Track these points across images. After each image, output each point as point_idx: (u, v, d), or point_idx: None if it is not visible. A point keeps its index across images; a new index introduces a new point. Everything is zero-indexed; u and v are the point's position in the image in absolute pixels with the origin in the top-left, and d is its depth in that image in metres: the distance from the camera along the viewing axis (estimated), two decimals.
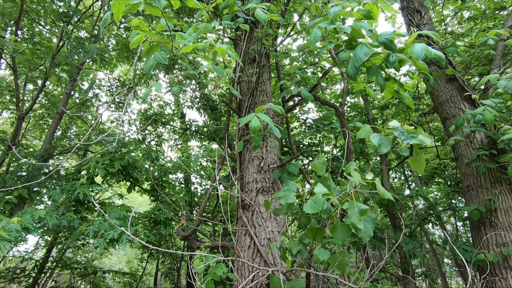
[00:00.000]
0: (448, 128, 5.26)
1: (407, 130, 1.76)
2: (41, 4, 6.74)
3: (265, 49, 3.36)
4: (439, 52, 2.12)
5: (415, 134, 1.78)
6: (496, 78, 3.74)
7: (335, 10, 2.26)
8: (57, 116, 6.96)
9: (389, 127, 1.80)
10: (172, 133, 8.66)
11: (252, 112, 3.32)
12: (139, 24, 1.78)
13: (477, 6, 5.78)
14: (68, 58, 4.78)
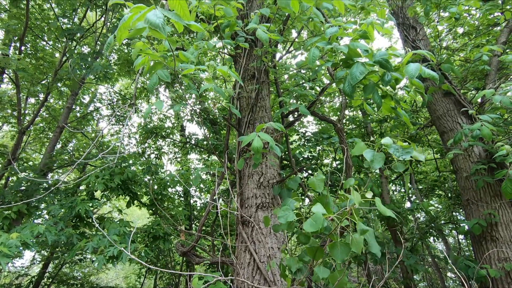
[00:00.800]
0: (446, 142, 5.30)
1: (401, 147, 1.80)
2: (45, 21, 6.91)
3: (264, 65, 3.43)
4: (433, 72, 2.18)
5: (410, 150, 1.81)
6: (492, 93, 3.81)
7: (331, 31, 2.33)
8: (57, 130, 7.00)
9: (382, 144, 1.84)
10: (172, 146, 8.69)
11: (252, 128, 3.38)
12: (143, 46, 1.84)
13: (471, 23, 5.92)
14: (70, 73, 4.87)
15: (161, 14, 1.45)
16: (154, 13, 1.44)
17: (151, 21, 1.40)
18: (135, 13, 1.59)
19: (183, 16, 1.70)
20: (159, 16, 1.43)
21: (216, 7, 2.45)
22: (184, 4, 1.63)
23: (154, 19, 1.41)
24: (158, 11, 1.47)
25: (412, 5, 5.96)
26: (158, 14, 1.44)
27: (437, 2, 4.64)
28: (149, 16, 1.42)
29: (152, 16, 1.42)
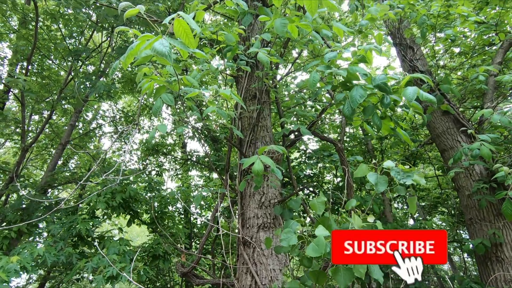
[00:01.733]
0: (447, 160, 5.31)
1: (402, 170, 1.82)
2: (53, 41, 7.11)
3: (265, 86, 3.51)
4: (430, 96, 2.23)
5: (411, 173, 1.84)
6: (490, 113, 3.86)
7: (331, 56, 2.41)
8: (60, 147, 7.05)
9: (384, 167, 1.86)
10: (173, 163, 8.71)
11: (253, 147, 3.41)
12: (148, 71, 1.90)
13: (466, 43, 6.06)
14: (75, 93, 4.97)
15: (167, 43, 1.51)
16: (161, 42, 1.51)
17: (158, 50, 1.46)
18: (142, 42, 1.66)
19: (188, 44, 1.77)
20: (165, 45, 1.50)
21: (219, 33, 2.54)
22: (189, 33, 1.71)
23: (161, 48, 1.47)
24: (164, 40, 1.53)
25: (409, 27, 6.13)
26: (164, 43, 1.50)
27: (432, 24, 4.79)
28: (156, 45, 1.48)
29: (159, 46, 1.48)
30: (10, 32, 7.11)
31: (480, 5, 5.04)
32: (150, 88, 2.00)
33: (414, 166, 8.45)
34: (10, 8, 6.09)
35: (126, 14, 1.50)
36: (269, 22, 2.13)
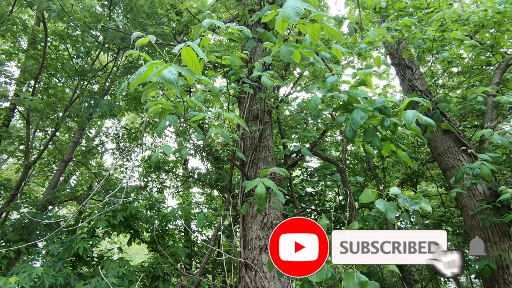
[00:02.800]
0: (449, 179, 5.29)
1: (409, 197, 1.83)
2: (60, 60, 7.29)
3: (267, 107, 3.58)
4: (429, 119, 2.28)
5: (418, 200, 1.85)
6: (490, 133, 3.89)
7: (331, 80, 2.48)
8: (62, 164, 7.08)
9: (390, 193, 1.87)
10: (174, 180, 8.69)
11: (255, 167, 3.43)
12: (155, 94, 1.96)
13: (464, 64, 6.18)
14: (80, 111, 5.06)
15: (175, 71, 1.57)
16: (169, 70, 1.57)
17: (166, 78, 1.52)
18: (151, 69, 1.72)
19: (195, 71, 1.84)
20: (173, 73, 1.56)
21: (223, 57, 2.63)
22: (196, 61, 1.77)
23: (169, 76, 1.53)
24: (172, 68, 1.60)
25: (407, 48, 6.28)
26: (172, 71, 1.56)
27: (429, 48, 4.91)
28: (165, 73, 1.54)
29: (168, 74, 1.54)
30: (19, 52, 7.32)
31: (476, 28, 5.19)
32: (155, 111, 2.06)
33: (417, 184, 8.40)
34: (20, 29, 6.31)
35: (137, 43, 1.58)
36: (274, 48, 2.21)
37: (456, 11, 4.61)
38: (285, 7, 1.82)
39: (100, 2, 6.55)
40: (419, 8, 5.71)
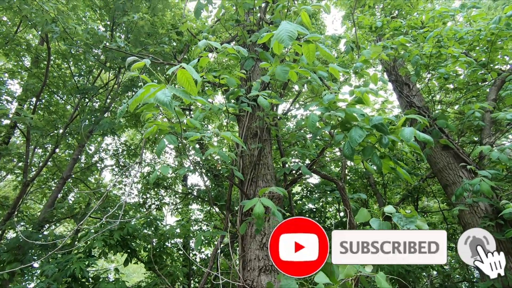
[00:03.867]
0: (450, 195, 5.24)
1: (404, 216, 1.80)
2: (62, 78, 7.40)
3: (266, 124, 3.59)
4: (427, 136, 2.28)
5: (413, 219, 1.82)
6: (489, 149, 3.88)
7: (328, 98, 2.50)
8: (61, 181, 7.04)
9: (385, 211, 1.85)
10: (173, 197, 8.61)
11: (254, 185, 3.41)
12: (151, 116, 1.97)
13: (460, 80, 6.26)
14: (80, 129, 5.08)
15: (169, 93, 1.59)
16: (163, 92, 1.58)
17: (160, 100, 1.54)
18: (146, 90, 1.74)
19: (191, 91, 1.86)
20: (167, 95, 1.57)
21: (221, 76, 2.67)
22: (191, 81, 1.79)
23: (162, 98, 1.54)
24: (167, 90, 1.61)
25: (404, 66, 6.39)
26: (166, 93, 1.58)
27: (425, 64, 4.99)
28: (159, 95, 1.56)
29: (161, 96, 1.55)
30: (22, 70, 7.44)
31: (470, 47, 5.29)
32: (153, 131, 2.07)
33: (418, 200, 8.31)
34: (24, 49, 6.44)
35: (133, 67, 1.60)
36: (271, 68, 2.25)
37: (453, 28, 4.72)
38: (279, 30, 1.87)
39: (103, 23, 6.74)
40: (414, 27, 5.85)
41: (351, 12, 8.66)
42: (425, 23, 5.70)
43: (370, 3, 7.29)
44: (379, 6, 8.01)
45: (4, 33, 5.69)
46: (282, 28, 1.87)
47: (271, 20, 3.92)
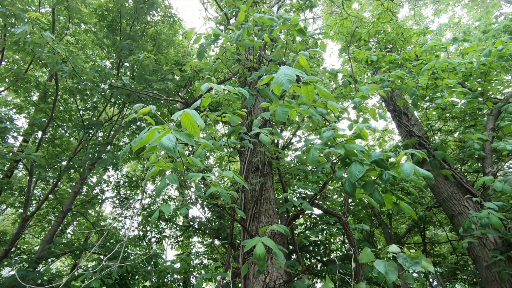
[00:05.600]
0: (457, 226, 5.12)
1: (409, 256, 1.76)
2: (68, 113, 7.60)
3: (267, 158, 3.62)
4: (427, 172, 2.29)
5: (418, 259, 1.78)
6: (491, 180, 3.86)
7: (327, 135, 2.55)
8: (61, 215, 6.96)
9: (389, 252, 1.81)
10: (174, 229, 8.44)
11: (256, 221, 3.36)
12: (154, 158, 2.01)
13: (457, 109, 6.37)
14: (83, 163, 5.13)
15: (174, 138, 1.64)
16: (168, 138, 1.63)
17: (165, 146, 1.58)
18: (151, 134, 1.79)
19: (194, 133, 1.91)
20: (172, 140, 1.62)
21: (223, 115, 2.74)
22: (195, 125, 1.85)
23: (167, 144, 1.59)
24: (171, 135, 1.66)
25: (401, 97, 6.54)
26: (171, 139, 1.63)
27: (422, 95, 5.12)
28: (164, 141, 1.61)
29: (166, 141, 1.60)
30: (30, 105, 7.67)
31: (464, 78, 5.46)
32: (156, 172, 2.10)
33: (425, 230, 8.09)
34: (33, 86, 6.69)
35: (140, 112, 1.67)
36: (271, 108, 2.32)
37: (447, 60, 4.90)
38: (279, 74, 1.96)
39: (111, 60, 7.05)
40: (408, 60, 6.08)
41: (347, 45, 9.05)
42: (418, 56, 5.92)
43: (365, 37, 7.64)
44: (374, 40, 8.38)
45: (15, 72, 5.95)
46: (282, 73, 1.96)
47: (271, 58, 4.10)
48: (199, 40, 3.51)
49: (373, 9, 9.00)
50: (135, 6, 5.39)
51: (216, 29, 3.48)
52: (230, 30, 3.74)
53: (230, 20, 5.67)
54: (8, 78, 6.05)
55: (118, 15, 5.68)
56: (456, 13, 15.21)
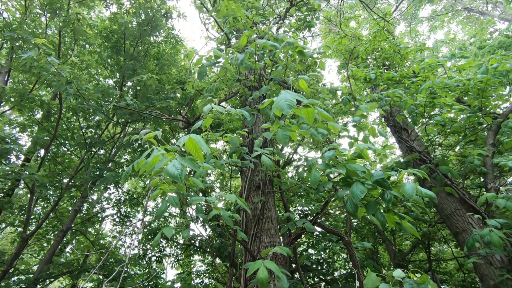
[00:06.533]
0: (461, 243, 5.04)
1: (415, 282, 1.75)
2: (70, 131, 7.67)
3: (269, 177, 3.63)
4: (429, 192, 2.30)
5: (424, 284, 1.76)
6: (494, 197, 3.85)
7: (329, 155, 2.58)
8: (60, 234, 6.89)
9: (394, 276, 1.79)
10: (174, 248, 8.32)
11: (258, 241, 3.33)
12: (157, 181, 2.03)
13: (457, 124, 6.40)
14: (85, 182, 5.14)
15: (179, 165, 1.66)
16: (173, 165, 1.66)
17: (170, 173, 1.60)
18: (155, 160, 1.82)
19: (198, 158, 1.94)
20: (177, 167, 1.64)
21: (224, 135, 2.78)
22: (199, 150, 1.88)
23: (173, 171, 1.61)
24: (177, 161, 1.69)
25: (401, 113, 6.60)
26: (177, 166, 1.65)
27: (421, 112, 5.18)
28: (169, 168, 1.63)
29: (172, 169, 1.62)
30: (33, 124, 7.75)
31: (462, 94, 5.53)
32: (159, 194, 2.11)
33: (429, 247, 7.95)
34: (37, 105, 6.79)
35: (145, 138, 1.70)
36: (272, 129, 2.36)
37: (444, 80, 4.98)
38: (279, 99, 2.01)
39: (114, 79, 7.19)
40: (406, 77, 6.18)
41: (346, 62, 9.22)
42: (416, 73, 6.03)
43: (363, 56, 7.80)
44: (372, 57, 8.55)
45: (21, 92, 6.06)
46: (282, 97, 2.01)
47: (271, 77, 4.18)
48: (201, 62, 3.60)
49: (370, 27, 9.24)
50: (139, 28, 5.56)
51: (217, 51, 3.58)
52: (231, 51, 3.84)
53: (231, 40, 5.83)
54: (13, 97, 6.15)
55: (122, 36, 5.85)
56: (451, 29, 15.58)
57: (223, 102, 4.69)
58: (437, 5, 14.27)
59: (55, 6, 4.82)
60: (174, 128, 7.49)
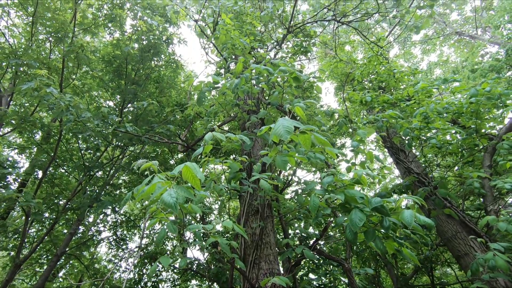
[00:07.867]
0: (464, 267, 4.94)
1: None
2: (69, 153, 7.67)
3: (267, 201, 3.62)
4: (428, 219, 2.30)
5: None
6: (495, 220, 3.83)
7: (327, 181, 2.59)
8: (54, 258, 6.71)
9: None
10: (171, 272, 8.09)
11: (256, 268, 3.27)
12: (155, 209, 2.03)
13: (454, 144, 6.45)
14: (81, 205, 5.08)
15: (175, 194, 1.67)
16: (169, 194, 1.67)
17: (166, 202, 1.61)
18: (152, 188, 1.83)
19: (195, 185, 1.95)
20: (173, 196, 1.65)
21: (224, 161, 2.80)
22: (195, 177, 1.90)
23: (168, 200, 1.62)
24: (172, 190, 1.70)
25: (397, 135, 6.67)
26: (172, 194, 1.66)
27: (417, 135, 5.24)
28: (165, 197, 1.64)
29: (167, 197, 1.63)
30: (33, 145, 7.76)
31: (456, 116, 5.62)
32: (157, 222, 2.10)
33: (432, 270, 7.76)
34: (38, 127, 6.84)
35: (142, 168, 1.72)
36: (270, 155, 2.38)
37: (436, 108, 5.08)
38: (277, 126, 2.05)
39: (115, 101, 7.29)
40: (401, 100, 6.31)
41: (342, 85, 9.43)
42: (411, 96, 6.16)
43: (359, 78, 8.00)
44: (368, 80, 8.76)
45: (22, 115, 6.13)
46: (280, 124, 2.05)
47: (269, 101, 4.26)
48: (200, 88, 3.69)
49: (365, 51, 9.53)
50: (140, 54, 5.73)
51: (215, 77, 3.68)
52: (228, 76, 3.95)
53: (230, 65, 5.99)
54: (15, 120, 6.21)
55: (124, 61, 6.01)
56: (444, 52, 16.08)
57: (223, 125, 4.75)
58: (427, 29, 14.82)
59: (60, 34, 4.99)
60: (173, 149, 7.51)
